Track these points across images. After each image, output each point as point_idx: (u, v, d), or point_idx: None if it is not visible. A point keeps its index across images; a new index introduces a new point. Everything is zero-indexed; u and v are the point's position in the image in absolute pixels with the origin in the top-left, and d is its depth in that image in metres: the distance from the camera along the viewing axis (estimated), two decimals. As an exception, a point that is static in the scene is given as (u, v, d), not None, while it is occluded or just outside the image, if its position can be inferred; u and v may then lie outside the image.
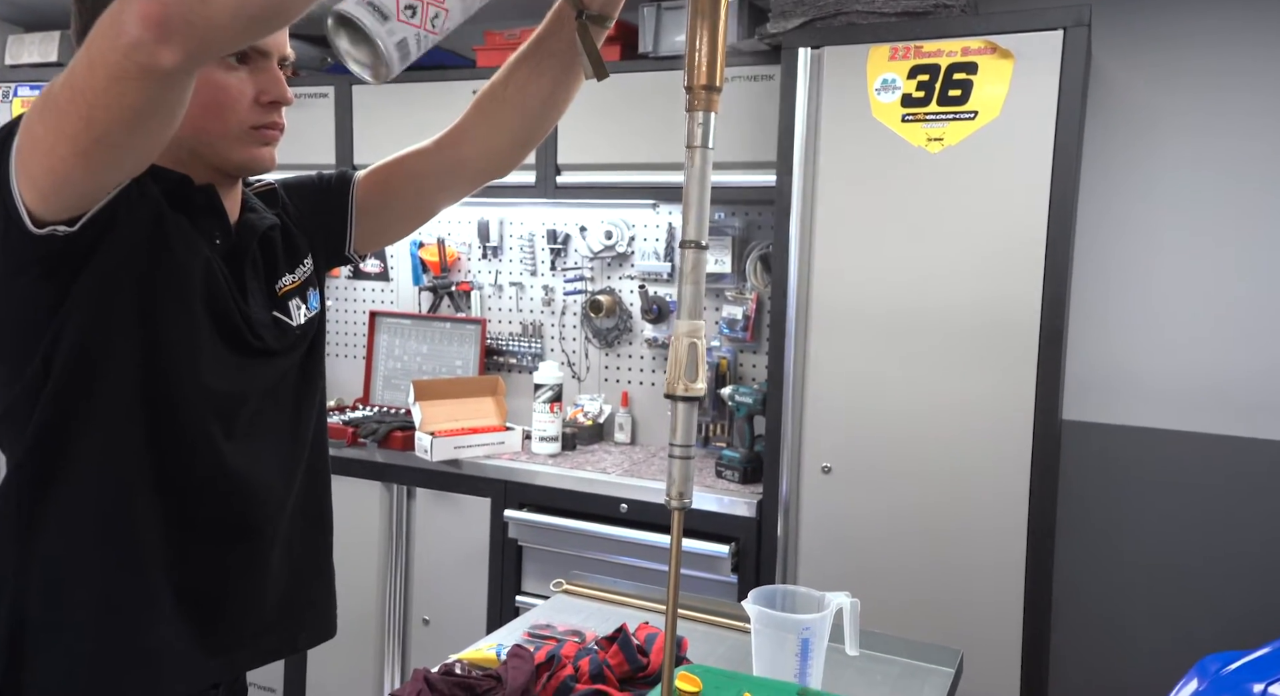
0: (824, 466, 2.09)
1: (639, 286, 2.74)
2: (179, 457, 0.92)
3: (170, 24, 0.69)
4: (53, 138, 0.75)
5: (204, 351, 0.93)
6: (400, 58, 0.73)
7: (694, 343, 0.79)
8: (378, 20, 0.72)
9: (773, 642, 1.14)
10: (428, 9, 0.74)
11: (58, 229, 0.80)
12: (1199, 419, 2.24)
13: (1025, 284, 1.90)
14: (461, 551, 2.47)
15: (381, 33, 0.72)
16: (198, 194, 0.94)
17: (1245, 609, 2.17)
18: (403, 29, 0.73)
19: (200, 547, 0.95)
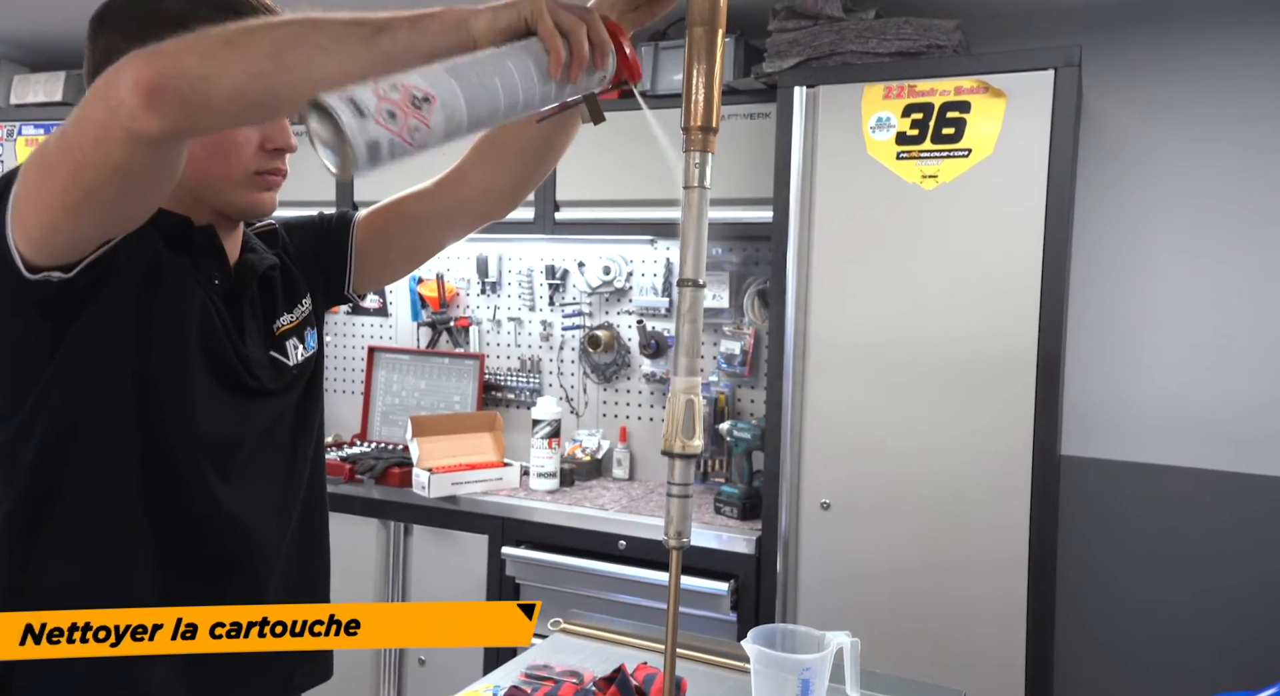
0: (823, 502, 2.08)
1: (637, 322, 2.75)
2: (174, 499, 0.92)
3: (163, 94, 0.70)
4: (43, 190, 0.76)
5: (199, 394, 0.93)
6: (368, 158, 0.73)
7: (691, 400, 0.79)
8: (354, 116, 0.71)
9: (773, 683, 1.12)
10: (408, 119, 0.74)
11: (51, 275, 0.80)
12: (1197, 454, 2.23)
13: (1021, 319, 1.91)
14: (458, 589, 2.45)
15: (355, 129, 0.71)
16: (198, 235, 0.95)
17: (1246, 644, 2.15)
18: (377, 130, 0.72)
19: (195, 588, 0.94)
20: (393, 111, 0.73)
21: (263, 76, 0.73)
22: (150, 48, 0.73)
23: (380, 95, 0.73)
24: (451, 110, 0.76)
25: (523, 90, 0.80)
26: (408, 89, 0.74)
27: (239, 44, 0.73)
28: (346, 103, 0.71)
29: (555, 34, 0.79)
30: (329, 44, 0.75)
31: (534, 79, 0.80)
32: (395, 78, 0.75)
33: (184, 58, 0.71)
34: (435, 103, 0.75)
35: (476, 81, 0.77)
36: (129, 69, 0.71)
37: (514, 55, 0.80)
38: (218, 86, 0.72)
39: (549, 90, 0.82)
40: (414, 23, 0.77)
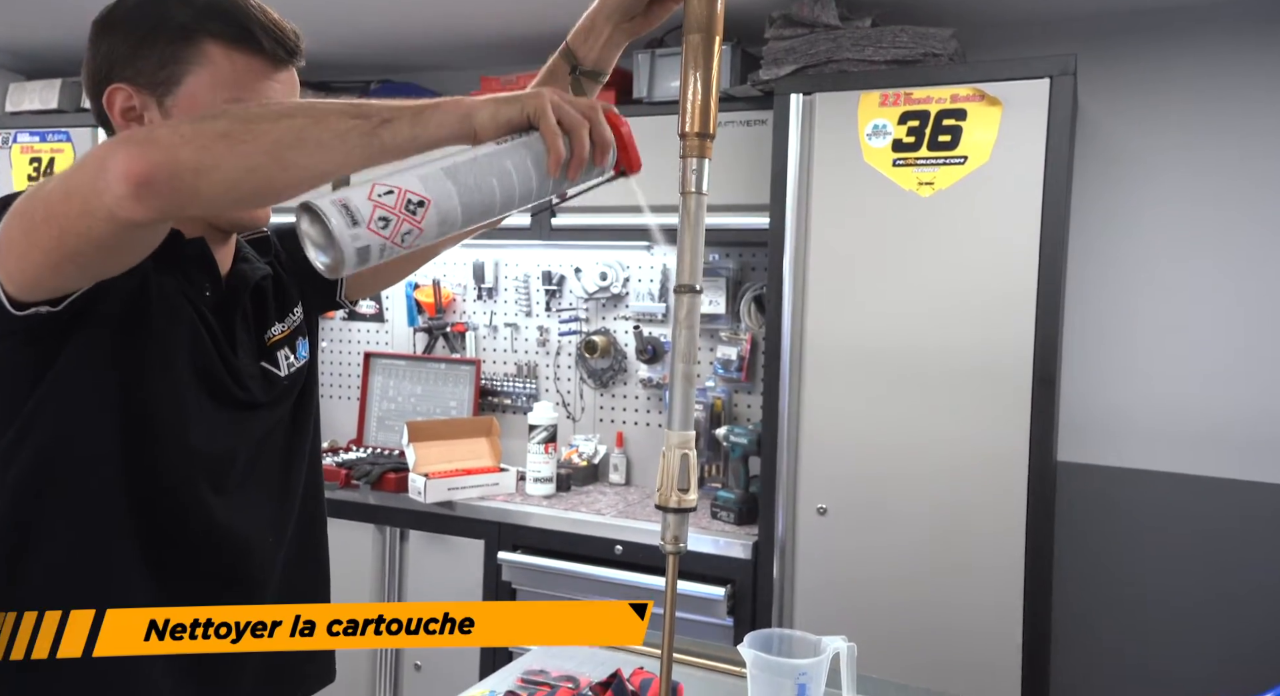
0: (820, 507, 2.08)
1: (634, 327, 2.75)
2: (167, 515, 0.91)
3: (152, 186, 0.70)
4: (27, 245, 0.75)
5: (189, 410, 0.92)
6: (357, 262, 0.72)
7: (685, 454, 0.78)
8: (346, 223, 0.71)
9: (769, 688, 1.13)
10: (401, 224, 0.73)
11: (40, 309, 0.81)
12: (1193, 461, 2.24)
13: (1017, 325, 1.92)
14: (455, 593, 2.44)
15: (347, 236, 0.71)
16: (189, 247, 0.94)
17: (1242, 650, 2.15)
18: (369, 237, 0.72)
19: (194, 601, 0.93)
20: (386, 218, 0.72)
21: (258, 172, 0.73)
22: (144, 134, 0.72)
23: (375, 200, 0.72)
24: (445, 213, 0.76)
25: (519, 188, 0.80)
26: (403, 193, 0.73)
27: (236, 138, 0.72)
28: (339, 209, 0.71)
29: (557, 134, 0.79)
30: (330, 140, 0.74)
31: (531, 176, 0.80)
32: (391, 179, 0.74)
33: (178, 151, 0.70)
34: (430, 206, 0.74)
35: (473, 183, 0.77)
36: (120, 156, 0.70)
37: (513, 154, 0.79)
38: (210, 181, 0.71)
39: (546, 185, 0.82)
40: (417, 115, 0.76)
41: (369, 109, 0.76)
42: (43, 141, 2.95)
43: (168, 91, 0.90)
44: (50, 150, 2.95)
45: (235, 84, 0.91)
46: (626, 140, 0.85)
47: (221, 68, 0.91)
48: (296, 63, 0.97)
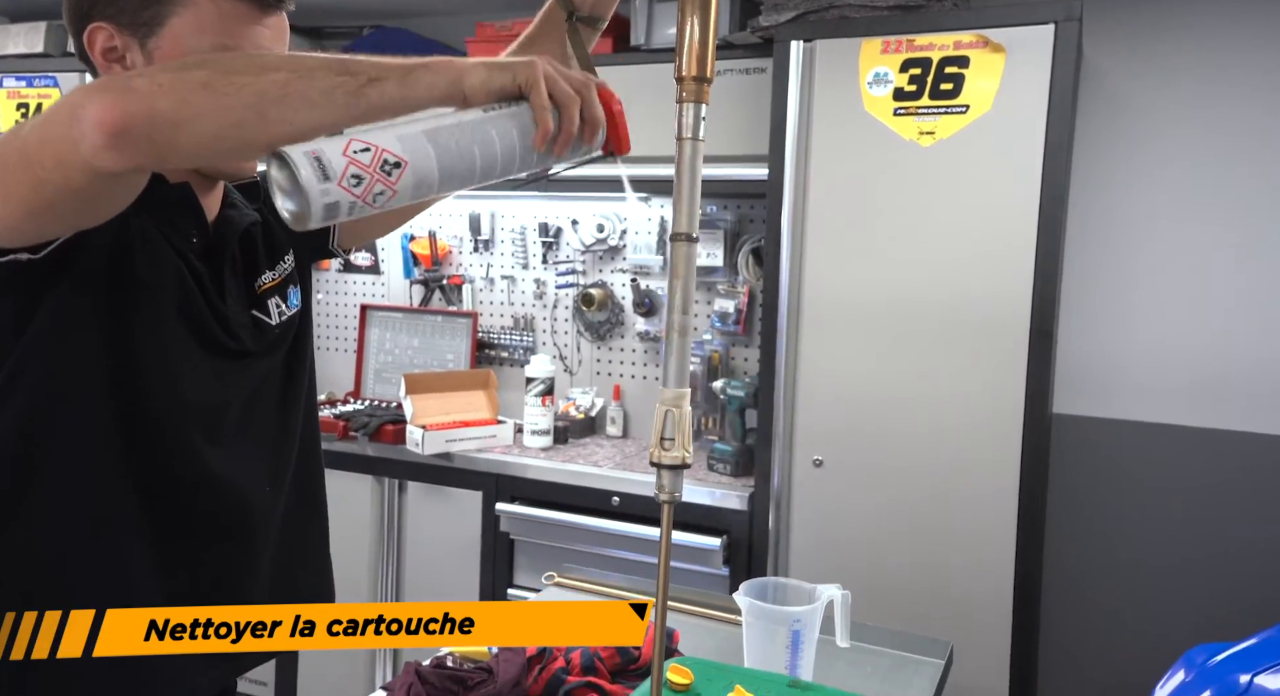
0: (815, 459, 2.10)
1: (631, 280, 2.74)
2: (162, 467, 0.91)
3: (128, 136, 0.67)
4: (4, 192, 0.73)
5: (181, 361, 0.91)
6: (324, 217, 0.70)
7: (679, 411, 0.78)
8: (317, 177, 0.69)
9: (764, 635, 1.14)
10: (374, 184, 0.71)
11: (20, 256, 0.79)
12: (1190, 413, 2.25)
13: (1016, 277, 1.91)
14: (453, 544, 2.47)
15: (316, 190, 0.69)
16: (173, 192, 0.92)
17: (1236, 602, 2.18)
18: (339, 194, 0.69)
19: (192, 553, 0.94)
20: (359, 176, 0.70)
21: (240, 126, 0.70)
22: (121, 81, 0.69)
23: (350, 156, 0.70)
24: (422, 176, 0.74)
25: (501, 158, 0.78)
26: (380, 152, 0.71)
27: (218, 90, 0.69)
28: (312, 161, 0.69)
29: (547, 108, 0.77)
30: (315, 97, 0.71)
31: (516, 148, 0.78)
32: (369, 136, 0.72)
33: (156, 101, 0.68)
34: (406, 168, 0.72)
35: (454, 148, 0.75)
36: (95, 105, 0.67)
37: (499, 123, 0.77)
38: (189, 133, 0.69)
39: (530, 159, 0.80)
40: (405, 75, 0.74)
41: (356, 66, 0.73)
42: (29, 86, 2.90)
43: (150, 33, 0.88)
44: (37, 96, 2.89)
45: (221, 28, 0.88)
46: (618, 119, 0.83)
47: (206, 10, 0.88)
48: (286, 7, 0.94)
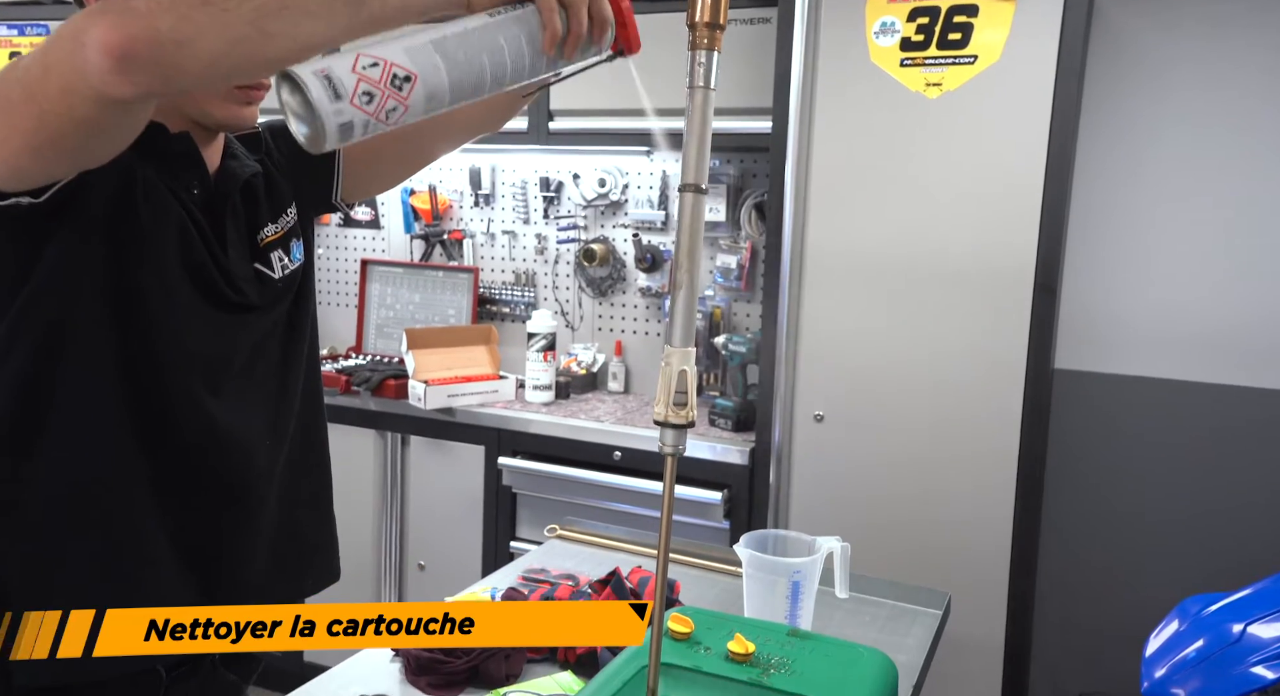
0: (816, 414, 2.10)
1: (633, 235, 2.72)
2: (165, 419, 0.91)
3: (134, 60, 0.66)
4: (6, 128, 0.72)
5: (183, 312, 0.91)
6: (340, 138, 0.69)
7: (684, 370, 0.77)
8: (329, 96, 0.67)
9: (764, 586, 1.16)
10: (386, 100, 0.70)
11: (21, 200, 0.78)
12: (1193, 367, 2.25)
13: (1021, 232, 1.90)
14: (456, 498, 2.49)
15: (329, 111, 0.68)
16: (174, 142, 0.91)
17: (1233, 557, 2.20)
18: (352, 112, 0.68)
19: (197, 505, 0.94)
20: (370, 92, 0.69)
21: (243, 43, 0.69)
22: (120, 3, 0.67)
23: (359, 72, 0.69)
24: (433, 89, 0.73)
25: (511, 66, 0.76)
26: (389, 67, 0.70)
27: (217, 5, 0.68)
28: (322, 81, 0.67)
29: (554, 9, 0.75)
30: (316, 8, 0.70)
31: (525, 54, 0.77)
32: (377, 51, 0.70)
33: (157, 20, 0.67)
34: (416, 81, 0.71)
35: (463, 58, 0.73)
36: (98, 28, 0.66)
37: (506, 28, 0.76)
38: (193, 52, 0.68)
39: (540, 64, 0.78)
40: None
41: None
42: (21, 35, 2.85)
43: None
44: (29, 44, 2.85)
45: None
46: (626, 16, 0.81)
47: None
48: None
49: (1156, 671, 1.28)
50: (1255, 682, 1.16)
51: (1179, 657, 1.24)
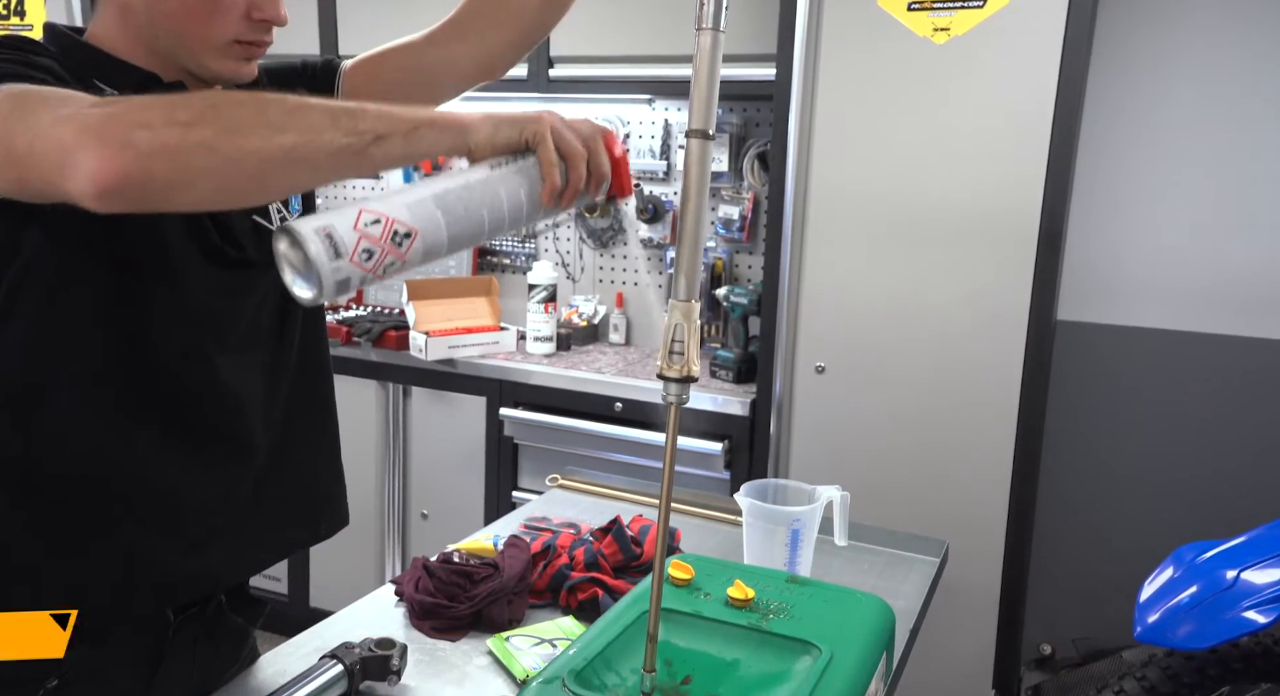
0: (818, 366, 2.11)
1: (634, 185, 2.69)
2: (168, 379, 0.90)
3: (121, 194, 0.66)
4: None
5: (182, 274, 0.89)
6: (335, 292, 0.70)
7: (689, 324, 0.76)
8: (329, 255, 0.68)
9: (763, 534, 1.17)
10: (385, 256, 0.70)
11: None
12: (1197, 318, 2.24)
13: (1027, 181, 1.87)
14: (458, 448, 2.51)
15: (328, 269, 0.68)
16: (169, 92, 0.88)
17: (1231, 506, 2.21)
18: (351, 269, 0.69)
19: (201, 460, 0.93)
20: (370, 250, 0.70)
21: (238, 191, 0.70)
22: (121, 133, 0.65)
23: (361, 231, 0.69)
24: (431, 244, 0.73)
25: (509, 217, 0.78)
26: (390, 223, 0.70)
27: (221, 154, 0.67)
28: (323, 239, 0.68)
29: (555, 165, 0.77)
30: (321, 161, 0.71)
31: (522, 205, 0.78)
32: (379, 206, 0.71)
33: (154, 163, 0.66)
34: (416, 237, 0.72)
35: (463, 212, 0.75)
36: (91, 159, 0.65)
37: (507, 181, 0.77)
38: (184, 194, 0.68)
39: (535, 213, 0.80)
40: (411, 133, 0.74)
41: (363, 120, 0.72)
42: None
43: None
44: None
45: None
46: (621, 168, 0.83)
47: None
48: None
49: (1149, 617, 1.30)
50: (1247, 626, 1.18)
51: (1172, 603, 1.26)
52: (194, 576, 0.93)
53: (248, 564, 1.01)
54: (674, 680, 0.86)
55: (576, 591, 1.15)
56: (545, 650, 1.03)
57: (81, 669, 0.84)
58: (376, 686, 0.94)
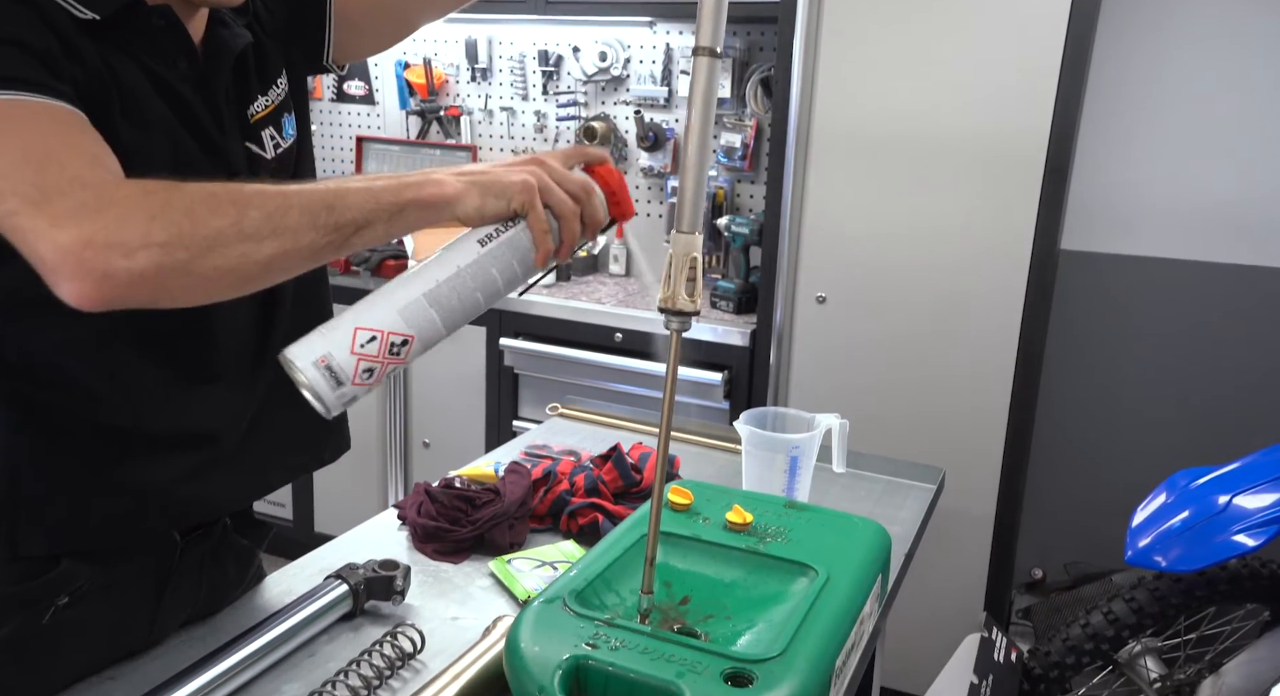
0: (819, 296, 2.10)
1: (634, 112, 2.64)
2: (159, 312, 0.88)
3: (104, 305, 0.65)
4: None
5: None
6: (343, 407, 0.73)
7: (691, 258, 0.74)
8: (331, 386, 0.70)
9: (762, 461, 1.17)
10: (385, 368, 0.72)
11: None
12: (1200, 246, 2.22)
13: (1035, 108, 1.84)
14: (459, 378, 2.52)
15: (333, 398, 0.71)
16: (153, 16, 0.83)
17: (1229, 434, 2.23)
18: (355, 390, 0.72)
19: (208, 389, 0.93)
20: (371, 369, 0.71)
21: (218, 295, 0.70)
22: (99, 259, 0.64)
23: (358, 353, 0.70)
24: (429, 341, 0.74)
25: (504, 289, 0.77)
26: (386, 338, 0.71)
27: (199, 274, 0.66)
28: (323, 373, 0.70)
29: (547, 232, 0.75)
30: (303, 260, 0.70)
31: (517, 275, 0.77)
32: (372, 321, 0.71)
33: (134, 291, 0.65)
34: (414, 342, 0.73)
35: (458, 303, 0.74)
36: (70, 286, 0.64)
37: (499, 257, 0.76)
38: (163, 299, 0.68)
39: (531, 273, 0.79)
40: (393, 217, 0.73)
41: (343, 211, 0.71)
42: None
43: None
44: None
45: None
46: (619, 195, 0.82)
47: None
48: None
49: (1140, 541, 1.32)
50: (1236, 549, 1.20)
51: (1164, 528, 1.28)
52: (199, 502, 0.94)
53: (251, 489, 1.02)
54: (673, 600, 0.88)
55: (577, 516, 1.16)
56: (546, 572, 1.05)
57: (91, 587, 0.85)
58: (381, 605, 0.96)
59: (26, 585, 0.82)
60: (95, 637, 0.87)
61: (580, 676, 0.73)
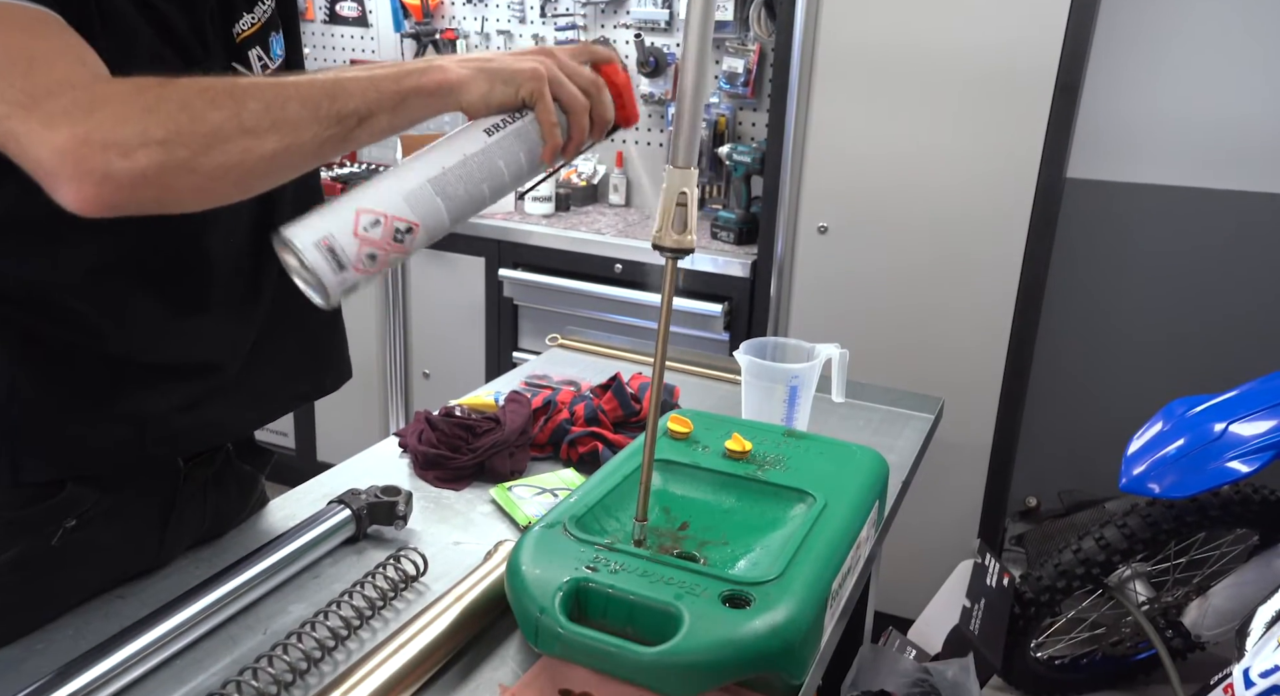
0: (820, 226, 2.08)
1: (635, 36, 2.58)
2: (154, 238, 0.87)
3: (113, 213, 0.63)
4: None
5: None
6: (343, 296, 0.70)
7: (685, 193, 0.72)
8: (333, 269, 0.68)
9: (761, 391, 1.18)
10: (388, 255, 0.69)
11: None
12: (1210, 174, 2.19)
13: (1046, 28, 1.79)
14: (458, 309, 2.51)
15: (334, 282, 0.68)
16: None
17: (1229, 364, 2.22)
18: (356, 277, 0.69)
19: (208, 320, 0.92)
20: (374, 254, 0.68)
21: (225, 198, 0.68)
22: (97, 159, 0.61)
23: (361, 236, 0.68)
24: (434, 230, 0.71)
25: (510, 183, 0.75)
26: (390, 222, 0.69)
27: (202, 172, 0.64)
28: (324, 253, 0.67)
29: (555, 125, 0.73)
30: (307, 154, 0.69)
31: (524, 168, 0.75)
32: (376, 201, 0.69)
33: (137, 192, 0.63)
34: (418, 230, 0.70)
35: (464, 192, 0.71)
36: (70, 189, 0.61)
37: (506, 149, 0.73)
38: (170, 205, 0.66)
39: (538, 170, 0.76)
40: (397, 106, 0.71)
41: (346, 103, 0.69)
42: None
43: None
44: None
45: None
46: (625, 96, 0.78)
47: None
48: None
49: (1135, 468, 1.34)
50: (1230, 475, 1.21)
51: (1159, 455, 1.30)
52: (199, 430, 0.95)
53: (253, 418, 1.02)
54: (672, 526, 0.89)
55: (577, 445, 1.17)
56: (546, 499, 1.06)
57: (97, 511, 0.86)
58: (384, 530, 0.98)
59: (32, 509, 0.83)
60: (103, 559, 0.88)
61: (580, 598, 0.74)
